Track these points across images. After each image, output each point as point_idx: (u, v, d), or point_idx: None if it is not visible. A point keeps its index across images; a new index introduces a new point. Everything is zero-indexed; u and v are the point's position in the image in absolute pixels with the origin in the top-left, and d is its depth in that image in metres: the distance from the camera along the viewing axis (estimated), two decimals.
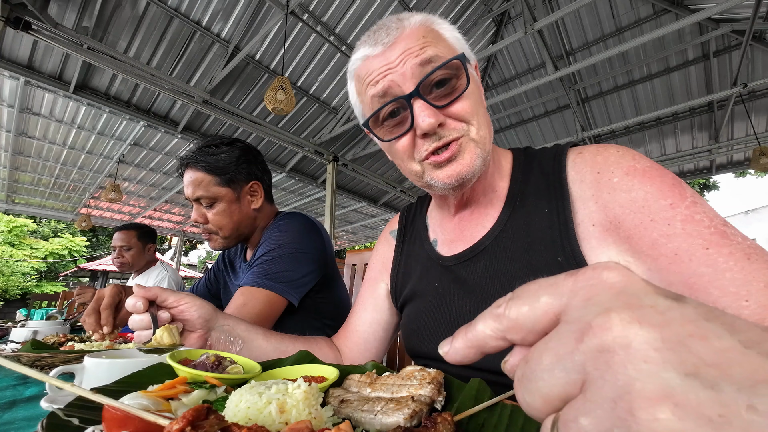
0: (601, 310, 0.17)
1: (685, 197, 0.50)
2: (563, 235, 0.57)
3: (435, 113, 0.57)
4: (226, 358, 0.50)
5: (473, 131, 0.60)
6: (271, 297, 1.02)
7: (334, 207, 5.64)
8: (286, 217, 1.25)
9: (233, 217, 1.18)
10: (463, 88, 0.58)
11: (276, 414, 0.33)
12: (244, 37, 3.96)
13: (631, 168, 0.55)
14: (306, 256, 1.14)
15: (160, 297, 0.64)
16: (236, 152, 1.19)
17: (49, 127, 4.94)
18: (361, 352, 0.85)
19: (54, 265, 16.71)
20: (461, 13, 4.62)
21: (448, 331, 0.70)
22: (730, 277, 0.43)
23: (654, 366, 0.15)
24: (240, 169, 1.18)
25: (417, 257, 0.79)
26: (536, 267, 0.58)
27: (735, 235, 0.46)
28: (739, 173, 13.49)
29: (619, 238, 0.53)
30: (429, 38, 0.60)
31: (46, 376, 0.31)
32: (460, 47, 0.64)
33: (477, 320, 0.23)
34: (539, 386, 0.18)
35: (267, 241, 1.16)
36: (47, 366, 0.79)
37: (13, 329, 1.22)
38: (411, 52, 0.58)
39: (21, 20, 2.97)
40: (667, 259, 0.47)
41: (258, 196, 1.24)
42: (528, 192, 0.65)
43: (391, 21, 0.63)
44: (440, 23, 0.64)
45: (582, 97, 5.55)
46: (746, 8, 3.73)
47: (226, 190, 1.16)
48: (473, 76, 0.62)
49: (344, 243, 11.18)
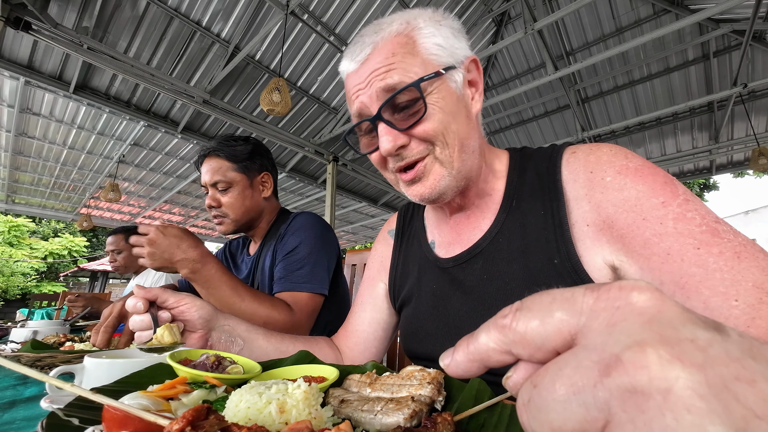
0: (631, 342, 0.15)
1: (676, 195, 0.50)
2: (558, 236, 0.57)
3: (396, 136, 0.59)
4: (226, 359, 0.50)
5: (438, 151, 0.60)
6: (314, 297, 1.15)
7: (334, 207, 5.64)
8: (301, 216, 1.32)
9: (245, 201, 1.28)
10: (422, 112, 0.58)
11: (276, 414, 0.33)
12: (244, 38, 3.96)
13: (623, 167, 0.55)
14: (327, 253, 1.24)
15: (160, 298, 0.65)
16: (251, 146, 1.32)
17: (49, 127, 4.94)
18: (361, 351, 0.85)
19: (54, 265, 16.71)
20: (461, 13, 4.63)
21: (446, 333, 0.67)
22: (720, 277, 0.43)
23: (699, 418, 0.13)
24: (254, 160, 1.31)
25: (415, 258, 0.79)
26: (532, 269, 0.58)
27: (726, 232, 0.46)
28: (738, 173, 13.50)
29: (613, 237, 0.53)
30: (399, 55, 0.59)
31: (46, 376, 0.31)
32: (443, 56, 0.60)
33: (480, 331, 0.21)
34: (551, 418, 0.16)
35: (289, 240, 1.23)
36: (47, 366, 0.79)
37: (13, 329, 1.22)
38: (377, 74, 0.59)
39: (21, 20, 2.97)
40: (660, 258, 0.47)
41: (268, 187, 1.36)
42: (523, 193, 0.65)
43: (369, 31, 0.63)
44: (421, 28, 0.61)
45: (582, 98, 5.55)
46: (746, 8, 3.73)
47: (241, 176, 1.28)
48: (448, 90, 0.60)
49: (344, 243, 11.18)
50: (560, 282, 0.55)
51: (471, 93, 0.64)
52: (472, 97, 0.65)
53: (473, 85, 0.65)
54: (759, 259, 0.43)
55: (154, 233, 0.95)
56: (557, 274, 0.56)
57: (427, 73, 0.58)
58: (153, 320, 0.62)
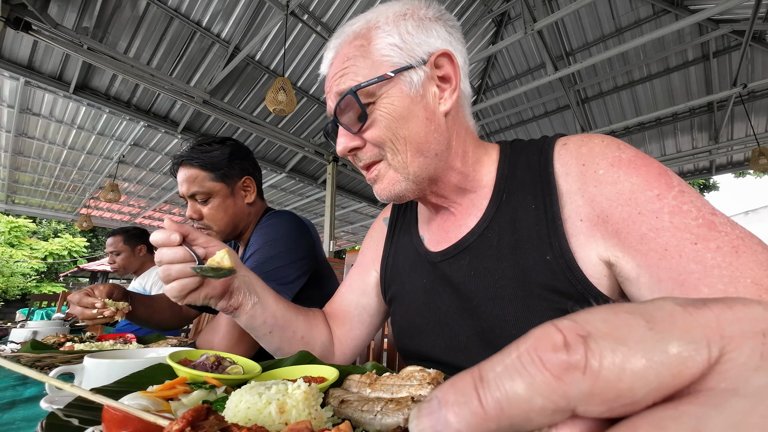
0: None
1: (671, 187, 0.48)
2: (551, 231, 0.55)
3: (349, 139, 0.61)
4: (225, 359, 0.50)
5: (389, 157, 0.60)
6: None
7: (334, 207, 5.64)
8: (274, 215, 1.26)
9: (228, 211, 1.21)
10: (366, 119, 0.59)
11: (276, 414, 0.33)
12: (244, 38, 3.96)
13: (616, 159, 0.53)
14: (296, 253, 1.15)
15: (192, 234, 0.62)
16: (228, 149, 1.23)
17: (49, 128, 4.94)
18: (346, 332, 0.84)
19: (54, 265, 16.71)
20: (461, 13, 4.63)
21: (437, 330, 0.66)
22: (719, 273, 0.42)
23: None
24: (233, 165, 1.22)
25: (406, 251, 0.78)
26: (524, 265, 0.56)
27: (723, 224, 0.44)
28: (738, 174, 13.50)
29: (607, 232, 0.51)
30: (352, 59, 0.59)
31: (45, 377, 0.31)
32: (396, 56, 0.58)
33: (506, 373, 0.13)
34: None
35: (256, 239, 1.16)
36: (47, 366, 0.79)
37: (13, 329, 1.22)
38: (334, 80, 0.61)
39: (21, 21, 2.98)
40: (657, 254, 0.46)
41: (251, 191, 1.28)
42: (514, 187, 0.62)
43: (336, 34, 0.64)
44: (379, 28, 0.59)
45: (582, 98, 5.55)
46: (746, 9, 3.73)
47: (220, 185, 1.19)
48: (399, 93, 0.58)
49: (344, 243, 11.17)
50: (554, 279, 0.54)
51: (438, 91, 0.60)
52: (440, 96, 0.61)
53: (446, 81, 0.61)
54: (757, 252, 0.42)
55: None
56: (550, 270, 0.54)
57: (375, 75, 0.57)
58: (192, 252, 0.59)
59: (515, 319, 0.55)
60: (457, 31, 0.64)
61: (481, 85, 5.86)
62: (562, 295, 0.53)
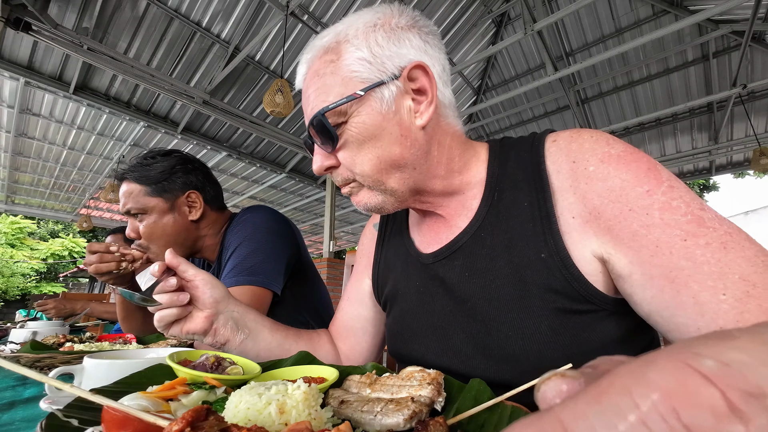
0: None
1: (660, 182, 0.48)
2: (546, 229, 0.55)
3: (324, 158, 0.61)
4: (225, 359, 0.50)
5: (359, 178, 0.61)
6: (256, 291, 1.00)
7: (334, 207, 5.64)
8: (248, 211, 1.21)
9: (166, 229, 1.13)
10: (335, 140, 0.59)
11: (276, 415, 0.33)
12: (244, 38, 3.96)
13: (605, 155, 0.53)
14: (277, 245, 1.12)
15: (181, 266, 0.63)
16: (172, 161, 1.16)
17: (49, 128, 4.94)
18: (352, 346, 0.83)
19: (54, 266, 16.70)
20: (461, 13, 4.62)
21: (432, 333, 0.65)
22: (708, 270, 0.42)
23: None
24: (174, 179, 1.15)
25: (398, 253, 0.77)
26: (518, 264, 0.56)
27: (712, 219, 0.45)
28: (738, 174, 13.50)
29: (600, 229, 0.51)
30: (323, 77, 0.57)
31: (45, 377, 0.31)
32: (365, 72, 0.55)
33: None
34: None
35: (233, 238, 1.13)
36: (46, 367, 0.79)
37: (13, 330, 1.22)
38: (306, 98, 0.60)
39: (21, 21, 2.98)
40: (649, 251, 0.46)
41: (197, 207, 1.18)
42: (505, 185, 0.61)
43: (306, 51, 0.62)
44: (349, 41, 0.57)
45: (582, 98, 5.56)
46: (745, 9, 3.73)
47: (156, 200, 1.12)
48: (370, 111, 0.56)
49: (344, 243, 11.17)
50: (549, 277, 0.53)
51: (413, 105, 0.58)
52: (416, 110, 0.58)
53: (422, 93, 0.58)
54: (745, 248, 0.42)
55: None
56: (546, 268, 0.54)
57: (345, 94, 0.55)
58: (154, 285, 0.61)
59: (511, 321, 0.55)
60: (434, 37, 0.62)
61: (480, 85, 5.87)
62: (559, 293, 0.53)
